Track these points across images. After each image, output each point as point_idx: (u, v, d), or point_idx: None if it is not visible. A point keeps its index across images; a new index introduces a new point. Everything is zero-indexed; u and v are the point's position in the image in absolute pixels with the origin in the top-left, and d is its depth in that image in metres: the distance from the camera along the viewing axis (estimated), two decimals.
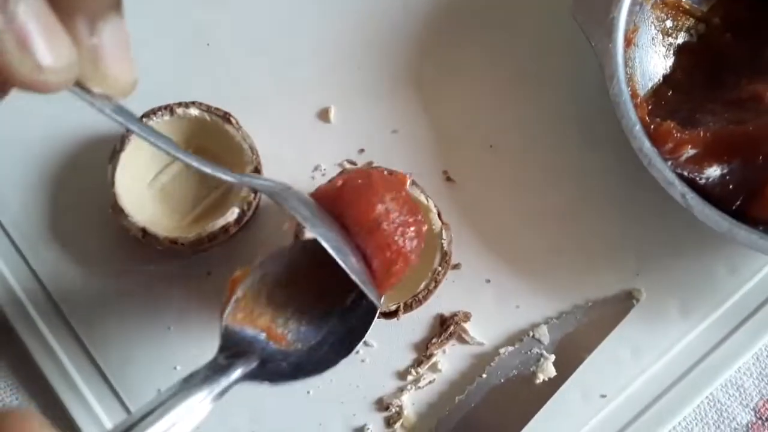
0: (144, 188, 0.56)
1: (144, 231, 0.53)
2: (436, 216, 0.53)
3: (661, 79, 0.57)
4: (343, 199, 0.46)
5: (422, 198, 0.53)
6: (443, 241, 0.53)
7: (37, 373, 0.56)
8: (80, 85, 0.32)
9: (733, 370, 0.55)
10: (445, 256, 0.53)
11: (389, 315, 0.52)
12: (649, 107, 0.54)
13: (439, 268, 0.53)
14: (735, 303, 0.56)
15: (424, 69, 0.61)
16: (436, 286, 0.52)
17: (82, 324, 0.57)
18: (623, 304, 0.56)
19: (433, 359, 0.56)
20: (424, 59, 0.61)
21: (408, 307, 0.52)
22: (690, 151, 0.51)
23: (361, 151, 0.59)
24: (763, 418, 0.56)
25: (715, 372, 0.55)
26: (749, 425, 0.56)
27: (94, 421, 0.55)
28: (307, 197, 0.45)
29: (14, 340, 0.56)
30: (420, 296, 0.52)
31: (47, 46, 0.27)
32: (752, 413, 0.56)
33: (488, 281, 0.57)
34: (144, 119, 0.55)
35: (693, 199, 0.49)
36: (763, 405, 0.56)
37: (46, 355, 0.56)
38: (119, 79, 0.33)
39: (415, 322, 0.56)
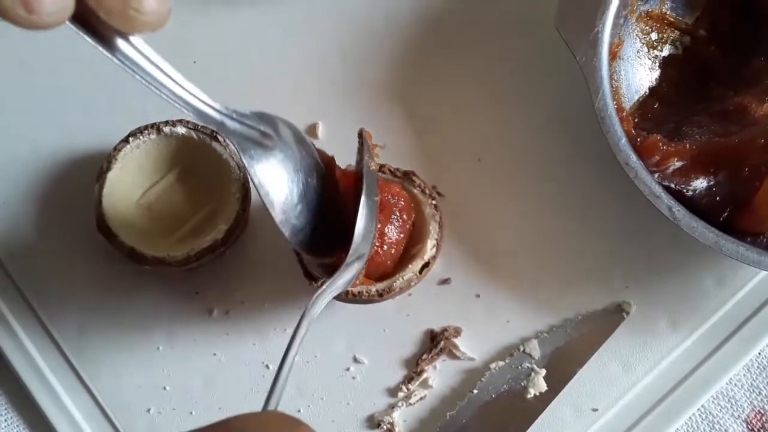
0: (131, 207, 0.56)
1: (131, 250, 0.53)
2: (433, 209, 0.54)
3: (647, 91, 0.57)
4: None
5: (417, 192, 0.54)
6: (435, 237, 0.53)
7: (25, 393, 0.56)
8: (86, 22, 0.32)
9: (724, 381, 0.55)
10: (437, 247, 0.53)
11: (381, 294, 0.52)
12: (635, 120, 0.54)
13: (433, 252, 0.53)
14: (724, 315, 0.56)
15: (411, 84, 0.61)
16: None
17: (70, 344, 0.56)
18: (613, 317, 0.56)
19: (424, 375, 0.55)
20: (410, 74, 0.61)
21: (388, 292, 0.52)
22: (676, 164, 0.51)
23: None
24: (755, 429, 0.56)
25: (706, 384, 0.55)
26: None
27: None
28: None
29: (1, 360, 0.56)
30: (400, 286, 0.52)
31: None
32: (744, 425, 0.56)
33: (478, 296, 0.57)
34: (131, 138, 0.55)
35: (680, 212, 0.49)
36: (755, 416, 0.56)
37: (34, 376, 0.56)
38: (148, 10, 0.31)
39: (406, 338, 0.56)
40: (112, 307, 0.57)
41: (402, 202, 0.52)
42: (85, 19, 0.31)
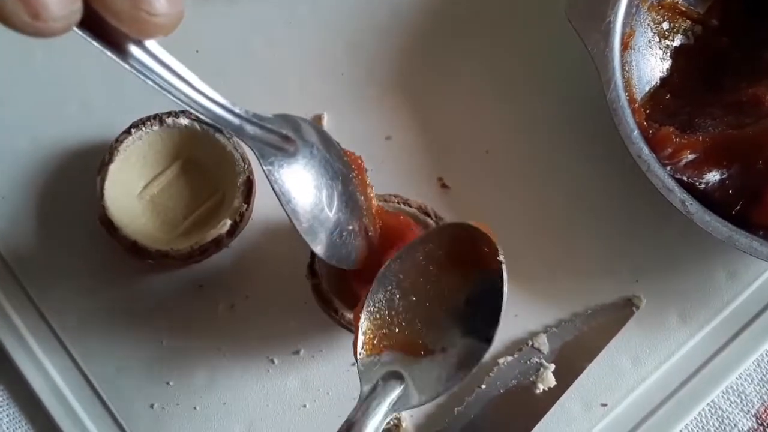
0: (133, 200, 0.55)
1: (134, 244, 0.52)
2: None
3: (659, 82, 0.56)
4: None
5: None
6: None
7: (27, 388, 0.55)
8: (95, 28, 0.30)
9: (734, 376, 0.54)
10: None
11: None
12: (647, 112, 0.53)
13: None
14: (735, 309, 0.55)
15: (418, 75, 0.60)
16: None
17: (72, 339, 0.56)
18: (623, 311, 0.55)
19: None
20: (418, 65, 0.60)
21: None
22: (689, 156, 0.51)
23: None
24: (765, 424, 0.55)
25: (716, 379, 0.54)
26: None
27: None
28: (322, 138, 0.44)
29: (3, 355, 0.55)
30: None
31: None
32: (754, 420, 0.55)
33: None
34: (133, 130, 0.54)
35: (693, 206, 0.48)
36: (765, 411, 0.55)
37: (36, 371, 0.55)
38: (160, 12, 0.29)
39: None
40: (114, 301, 0.56)
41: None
42: (94, 25, 0.29)
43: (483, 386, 0.54)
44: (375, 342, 0.44)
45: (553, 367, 0.54)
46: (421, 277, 0.44)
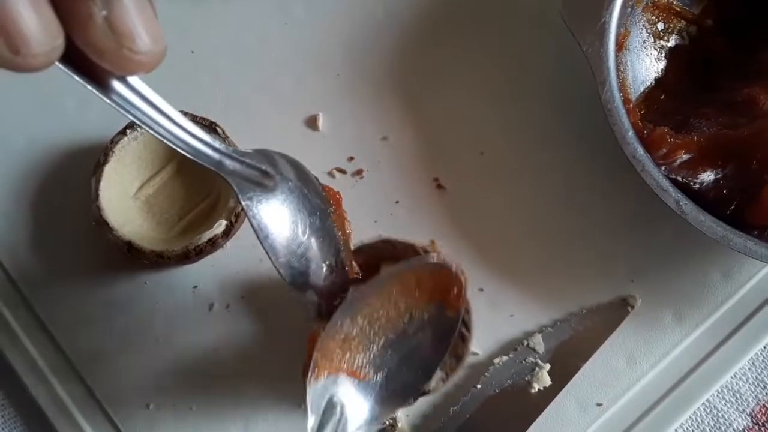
0: (128, 201, 0.55)
1: (129, 244, 0.52)
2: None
3: (654, 82, 0.56)
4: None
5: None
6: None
7: (22, 389, 0.55)
8: (77, 63, 0.30)
9: (729, 375, 0.54)
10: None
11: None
12: (642, 112, 0.54)
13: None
14: (730, 308, 0.55)
15: (414, 75, 0.60)
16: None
17: (67, 338, 0.56)
18: (618, 311, 0.55)
19: None
20: (414, 65, 0.60)
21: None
22: (684, 156, 0.51)
23: (351, 158, 0.58)
24: (760, 423, 0.55)
25: (711, 378, 0.54)
26: (746, 431, 0.55)
27: None
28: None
29: None
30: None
31: (23, 26, 0.26)
32: (749, 419, 0.55)
33: (481, 290, 0.56)
34: (128, 130, 0.54)
35: (687, 206, 0.48)
36: (760, 410, 0.55)
37: (31, 371, 0.55)
38: (143, 50, 0.29)
39: None
40: (109, 302, 0.56)
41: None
42: (76, 59, 0.29)
43: (478, 386, 0.54)
44: (319, 365, 0.44)
45: (548, 366, 0.54)
46: (384, 304, 0.45)
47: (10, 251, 0.57)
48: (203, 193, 0.55)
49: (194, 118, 0.54)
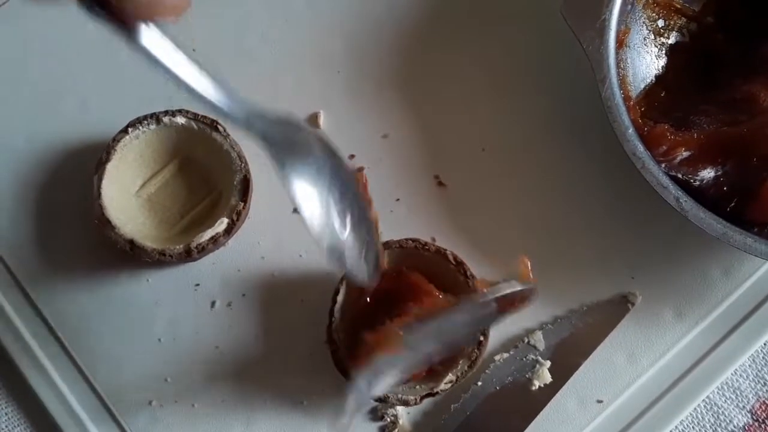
0: (131, 199, 0.55)
1: (131, 243, 0.53)
2: None
3: (654, 79, 0.56)
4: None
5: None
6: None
7: (25, 386, 0.55)
8: (105, 5, 0.30)
9: (729, 372, 0.55)
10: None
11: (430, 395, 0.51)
12: (642, 109, 0.54)
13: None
14: (730, 305, 0.55)
15: (415, 72, 0.60)
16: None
17: (70, 337, 0.56)
18: (618, 308, 0.55)
19: None
20: (414, 62, 0.60)
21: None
22: (684, 153, 0.51)
23: (352, 156, 0.58)
24: (760, 419, 0.55)
25: (712, 375, 0.54)
26: (746, 427, 0.55)
27: None
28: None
29: (1, 353, 0.56)
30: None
31: None
32: (749, 415, 0.55)
33: None
34: (130, 128, 0.54)
35: (687, 203, 0.49)
36: (760, 407, 0.56)
37: (34, 368, 0.55)
38: None
39: None
40: (112, 299, 0.56)
41: None
42: (106, 5, 0.29)
43: (479, 383, 0.54)
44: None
45: (548, 363, 0.54)
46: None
47: (13, 250, 0.57)
48: (205, 191, 0.56)
49: (196, 117, 0.54)
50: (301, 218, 0.38)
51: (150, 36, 0.31)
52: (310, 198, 0.39)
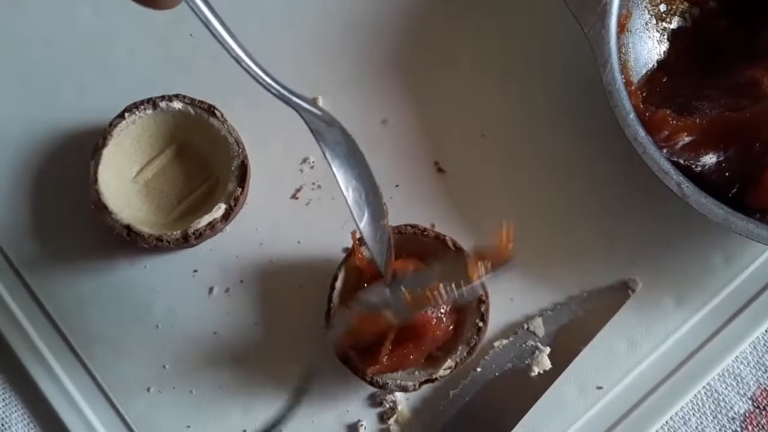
0: (127, 185, 0.55)
1: (128, 228, 0.52)
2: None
3: (656, 65, 0.56)
4: None
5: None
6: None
7: (23, 373, 0.55)
8: None
9: (730, 359, 0.54)
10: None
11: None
12: (643, 95, 0.53)
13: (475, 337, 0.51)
14: (731, 292, 0.55)
15: (414, 58, 0.59)
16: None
17: (67, 322, 0.56)
18: (619, 294, 0.55)
19: None
20: (414, 48, 0.59)
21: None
22: (686, 139, 0.50)
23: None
24: (761, 406, 0.55)
25: (712, 362, 0.54)
26: (746, 414, 0.55)
27: (83, 422, 0.54)
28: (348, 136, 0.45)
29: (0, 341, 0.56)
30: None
31: None
32: (749, 402, 0.55)
33: None
34: (126, 114, 0.53)
35: (689, 189, 0.48)
36: (761, 394, 0.55)
37: (32, 355, 0.55)
38: None
39: None
40: (109, 285, 0.56)
41: None
42: None
43: (478, 369, 0.54)
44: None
45: (548, 350, 0.54)
46: None
47: (9, 235, 0.57)
48: (202, 176, 0.55)
49: (192, 102, 0.54)
50: (339, 188, 0.41)
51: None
52: (344, 174, 0.42)
